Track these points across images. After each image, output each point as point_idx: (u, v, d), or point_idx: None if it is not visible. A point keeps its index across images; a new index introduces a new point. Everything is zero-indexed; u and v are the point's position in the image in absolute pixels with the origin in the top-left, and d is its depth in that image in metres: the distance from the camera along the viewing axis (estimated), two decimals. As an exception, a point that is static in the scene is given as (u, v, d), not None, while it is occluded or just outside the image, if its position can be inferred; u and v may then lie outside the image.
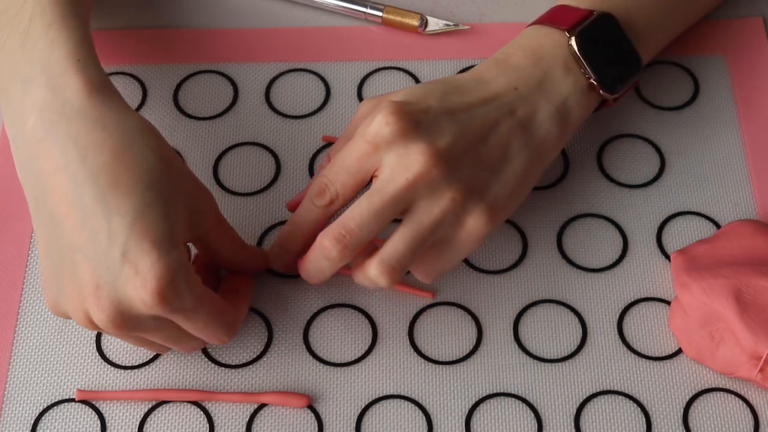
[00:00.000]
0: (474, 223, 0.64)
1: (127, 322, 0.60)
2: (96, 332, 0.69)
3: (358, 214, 0.63)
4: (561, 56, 0.69)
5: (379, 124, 0.63)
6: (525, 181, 0.67)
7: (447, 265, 0.66)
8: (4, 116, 0.64)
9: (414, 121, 0.64)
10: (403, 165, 0.63)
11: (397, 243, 0.63)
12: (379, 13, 0.82)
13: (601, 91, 0.70)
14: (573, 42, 0.69)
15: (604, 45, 0.70)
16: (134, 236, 0.58)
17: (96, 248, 0.59)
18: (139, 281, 0.58)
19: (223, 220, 0.67)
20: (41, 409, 0.67)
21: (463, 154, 0.64)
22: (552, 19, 0.71)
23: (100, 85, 0.62)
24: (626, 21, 0.71)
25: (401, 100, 0.65)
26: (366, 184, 0.65)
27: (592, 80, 0.69)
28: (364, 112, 0.69)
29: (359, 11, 0.82)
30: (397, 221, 0.64)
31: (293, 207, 0.71)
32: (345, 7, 0.82)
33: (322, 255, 0.64)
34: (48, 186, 0.61)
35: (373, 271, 0.63)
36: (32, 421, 0.67)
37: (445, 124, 0.65)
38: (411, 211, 0.64)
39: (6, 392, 0.67)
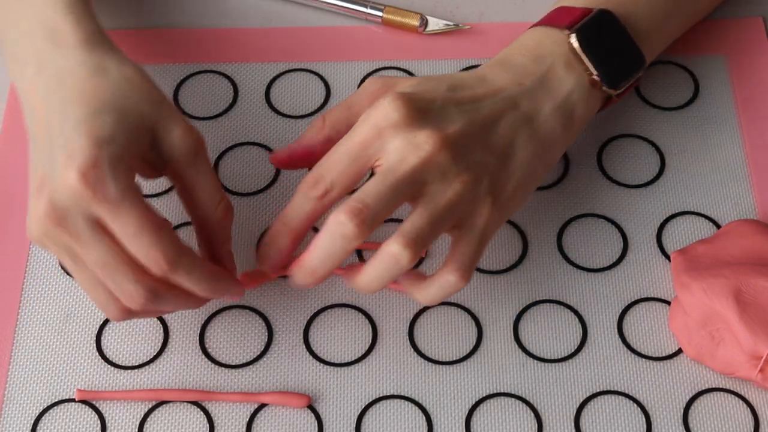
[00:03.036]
0: (487, 207, 0.64)
1: (61, 217, 0.60)
2: (96, 332, 0.69)
3: (373, 189, 0.61)
4: (561, 54, 0.69)
5: (386, 110, 0.63)
6: (531, 174, 0.67)
7: (469, 256, 0.64)
8: (9, 68, 0.68)
9: (421, 109, 0.64)
10: (412, 147, 0.62)
11: (415, 219, 0.62)
12: (379, 13, 0.82)
13: (604, 87, 0.70)
14: (573, 39, 0.69)
15: (604, 41, 0.70)
16: (76, 132, 0.60)
17: (49, 150, 0.61)
18: (65, 161, 0.60)
19: (204, 160, 0.65)
20: (41, 409, 0.67)
21: (471, 140, 0.64)
22: (551, 20, 0.72)
23: (92, 35, 0.66)
24: (625, 18, 0.71)
25: (408, 91, 0.65)
26: (364, 174, 0.63)
27: (594, 77, 0.69)
28: (369, 92, 0.68)
29: (359, 11, 0.82)
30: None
31: (276, 160, 0.69)
32: (345, 7, 0.82)
33: (337, 233, 0.61)
34: (35, 116, 0.64)
35: (394, 247, 0.61)
36: (32, 421, 0.67)
37: (454, 112, 0.65)
38: (424, 195, 0.63)
39: (6, 392, 0.67)
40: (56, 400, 0.67)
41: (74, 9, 0.67)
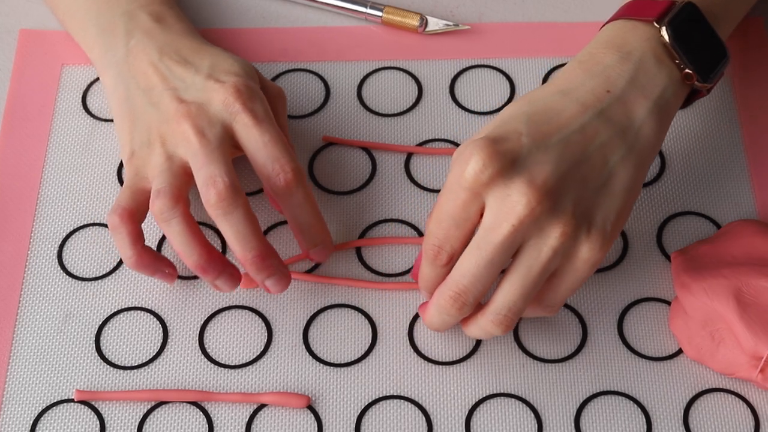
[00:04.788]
0: (588, 251, 0.62)
1: (201, 116, 0.67)
2: (95, 332, 0.69)
3: (468, 270, 0.62)
4: (650, 48, 0.66)
5: (475, 169, 0.61)
6: (632, 191, 0.64)
7: (567, 294, 0.64)
8: (98, 43, 0.74)
9: (510, 159, 0.61)
10: (506, 209, 0.61)
11: (507, 293, 0.62)
12: (379, 13, 0.82)
13: (696, 82, 0.67)
14: (664, 32, 0.66)
15: (692, 34, 0.67)
16: (216, 67, 0.70)
17: (181, 83, 0.70)
18: (219, 86, 0.68)
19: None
20: (40, 409, 0.67)
21: (565, 180, 0.62)
22: (632, 12, 0.68)
23: (191, 29, 0.75)
24: (705, 9, 0.69)
25: (491, 136, 0.63)
26: (474, 229, 0.63)
27: (687, 70, 0.66)
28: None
29: (359, 11, 0.82)
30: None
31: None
32: (345, 7, 0.82)
33: (443, 312, 0.64)
34: (135, 71, 0.71)
35: (488, 325, 0.64)
36: (31, 422, 0.67)
37: (542, 153, 0.62)
38: (520, 253, 0.62)
39: (5, 392, 0.67)
40: (55, 401, 0.67)
41: (173, 5, 0.76)
